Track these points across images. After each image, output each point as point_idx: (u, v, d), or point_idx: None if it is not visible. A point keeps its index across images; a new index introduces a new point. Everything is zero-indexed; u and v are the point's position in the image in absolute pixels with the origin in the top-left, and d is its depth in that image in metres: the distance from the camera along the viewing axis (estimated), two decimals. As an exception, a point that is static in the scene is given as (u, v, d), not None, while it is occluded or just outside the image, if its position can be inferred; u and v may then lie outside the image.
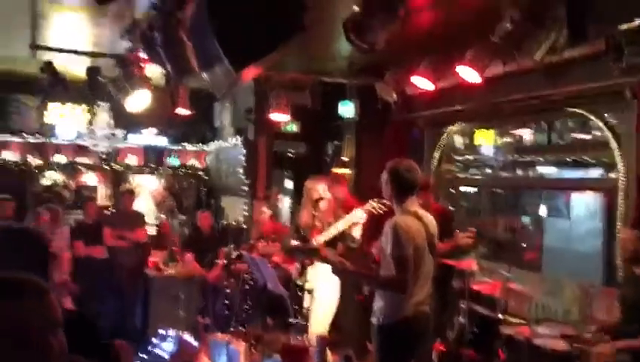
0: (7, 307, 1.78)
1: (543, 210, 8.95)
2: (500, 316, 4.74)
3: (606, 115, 5.20)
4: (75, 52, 6.25)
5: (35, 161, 8.77)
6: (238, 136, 8.59)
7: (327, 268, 4.52)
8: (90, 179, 9.07)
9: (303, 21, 3.24)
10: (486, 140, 9.12)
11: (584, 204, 8.17)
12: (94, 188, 8.95)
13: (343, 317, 5.64)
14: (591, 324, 4.72)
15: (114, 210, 8.19)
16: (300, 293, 4.67)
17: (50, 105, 8.95)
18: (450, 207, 8.12)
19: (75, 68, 6.47)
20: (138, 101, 5.98)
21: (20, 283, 1.88)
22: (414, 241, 3.32)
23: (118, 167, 9.12)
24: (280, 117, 6.76)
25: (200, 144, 9.80)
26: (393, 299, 3.37)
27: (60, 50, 6.17)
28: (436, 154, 7.29)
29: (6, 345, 1.76)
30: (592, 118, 5.21)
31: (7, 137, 8.79)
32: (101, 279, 6.83)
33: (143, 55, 5.32)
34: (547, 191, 8.75)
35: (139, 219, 7.29)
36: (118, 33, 5.59)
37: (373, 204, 4.63)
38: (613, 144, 4.99)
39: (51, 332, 1.80)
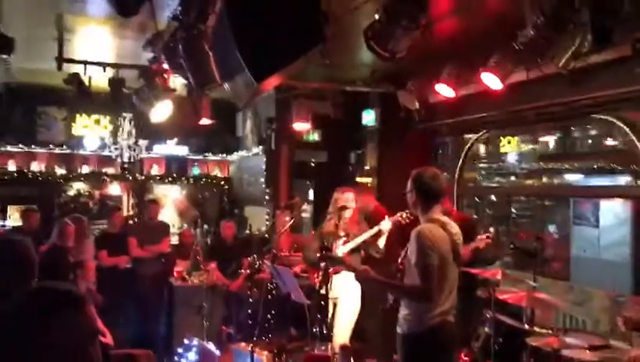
0: (49, 318, 1.78)
1: (570, 219, 8.81)
2: (527, 326, 4.65)
3: (633, 120, 5.11)
4: (100, 64, 6.33)
5: (59, 171, 8.90)
6: (260, 146, 8.62)
7: (351, 276, 4.53)
8: (113, 189, 9.17)
9: (325, 31, 3.24)
10: (510, 148, 9.04)
11: (613, 211, 8.00)
12: (118, 198, 9.05)
13: (367, 326, 5.60)
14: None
15: (139, 220, 8.24)
16: (323, 303, 4.64)
17: (77, 117, 9.10)
18: (474, 216, 8.05)
19: (99, 79, 6.56)
20: (161, 111, 6.03)
21: (59, 293, 1.88)
22: (439, 250, 3.28)
23: (141, 177, 9.21)
24: (302, 126, 6.77)
25: (223, 154, 9.85)
26: (419, 309, 3.34)
27: (85, 63, 6.26)
28: (459, 163, 7.21)
29: (48, 356, 1.76)
30: (619, 123, 5.11)
31: (35, 149, 8.95)
32: (125, 289, 6.85)
33: (165, 66, 5.37)
34: (575, 199, 8.61)
35: (164, 229, 7.32)
36: (141, 45, 5.66)
37: (402, 214, 4.61)
38: (641, 150, 4.89)
39: (90, 343, 1.80)
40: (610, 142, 7.67)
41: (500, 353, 4.18)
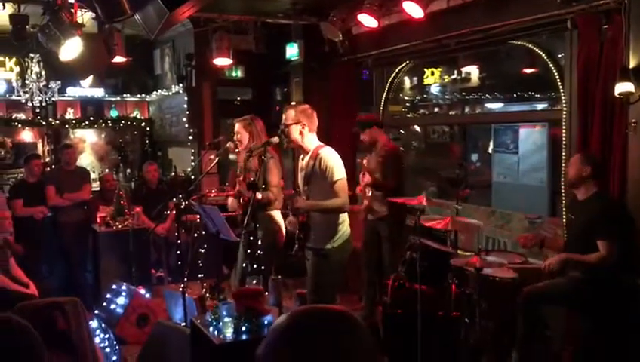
0: None
1: (491, 146, 9.14)
2: (450, 249, 4.82)
3: (548, 46, 5.23)
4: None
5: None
6: (180, 84, 8.29)
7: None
8: (26, 135, 8.66)
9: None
10: (433, 79, 9.17)
11: (531, 138, 8.33)
12: (32, 145, 8.55)
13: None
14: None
15: (56, 167, 7.87)
16: (252, 238, 4.62)
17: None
18: (400, 148, 8.16)
19: (2, 18, 6.04)
20: (71, 49, 5.64)
21: None
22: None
23: (56, 121, 8.72)
24: (223, 61, 6.54)
25: (142, 94, 9.43)
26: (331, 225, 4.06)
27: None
28: (384, 95, 7.22)
29: None
30: (535, 49, 5.22)
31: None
32: (47, 238, 6.62)
33: (71, -1, 5.00)
34: (495, 127, 8.92)
35: (84, 175, 7.01)
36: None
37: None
38: (556, 75, 5.03)
39: None
40: (530, 70, 7.90)
41: (426, 275, 4.31)
